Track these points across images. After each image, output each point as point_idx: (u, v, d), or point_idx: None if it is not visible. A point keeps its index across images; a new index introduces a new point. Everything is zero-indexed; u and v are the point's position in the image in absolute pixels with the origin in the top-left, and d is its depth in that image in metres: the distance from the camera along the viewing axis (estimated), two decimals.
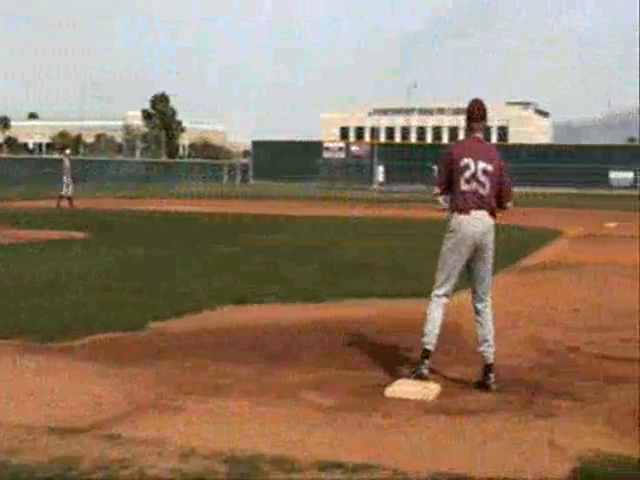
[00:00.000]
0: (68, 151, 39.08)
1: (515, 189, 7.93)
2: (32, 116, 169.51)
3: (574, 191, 72.98)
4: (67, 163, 34.72)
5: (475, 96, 7.23)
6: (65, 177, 33.79)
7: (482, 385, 6.76)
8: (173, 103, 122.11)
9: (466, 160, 6.83)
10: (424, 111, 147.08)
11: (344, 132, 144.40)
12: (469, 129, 7.07)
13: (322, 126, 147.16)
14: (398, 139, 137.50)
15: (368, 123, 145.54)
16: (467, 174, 6.81)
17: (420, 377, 6.71)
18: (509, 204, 7.09)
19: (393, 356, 7.85)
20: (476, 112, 6.98)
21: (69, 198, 33.45)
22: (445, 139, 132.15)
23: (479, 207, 6.82)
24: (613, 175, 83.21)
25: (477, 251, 6.84)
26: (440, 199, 7.30)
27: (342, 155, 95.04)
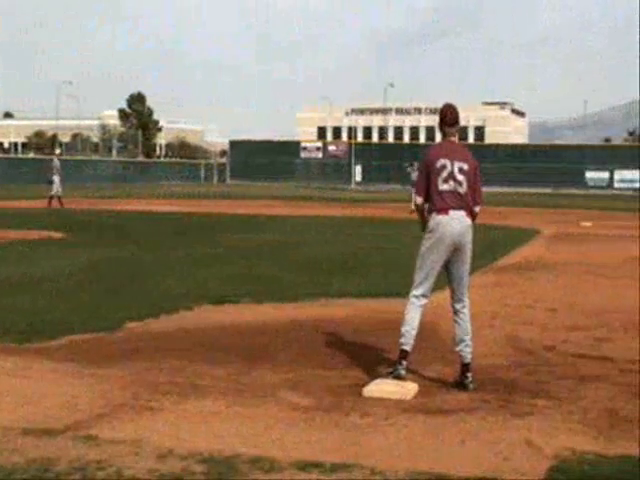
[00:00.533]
0: (58, 151, 39.79)
1: (492, 189, 7.96)
2: (7, 115, 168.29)
3: (550, 191, 73.37)
4: (57, 163, 35.32)
5: (452, 97, 7.28)
6: (55, 177, 34.26)
7: (460, 384, 6.78)
8: (150, 102, 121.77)
9: (443, 161, 6.86)
10: (401, 111, 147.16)
11: (321, 132, 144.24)
12: (443, 133, 7.11)
13: (299, 125, 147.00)
14: (375, 139, 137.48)
15: (345, 123, 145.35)
16: (444, 174, 6.84)
17: (398, 378, 6.73)
18: (477, 208, 7.04)
19: (370, 356, 7.86)
20: (449, 116, 7.02)
21: (59, 197, 34.18)
22: (422, 139, 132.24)
23: (458, 207, 6.83)
24: (589, 175, 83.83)
25: (455, 251, 6.86)
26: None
27: (320, 155, 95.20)
